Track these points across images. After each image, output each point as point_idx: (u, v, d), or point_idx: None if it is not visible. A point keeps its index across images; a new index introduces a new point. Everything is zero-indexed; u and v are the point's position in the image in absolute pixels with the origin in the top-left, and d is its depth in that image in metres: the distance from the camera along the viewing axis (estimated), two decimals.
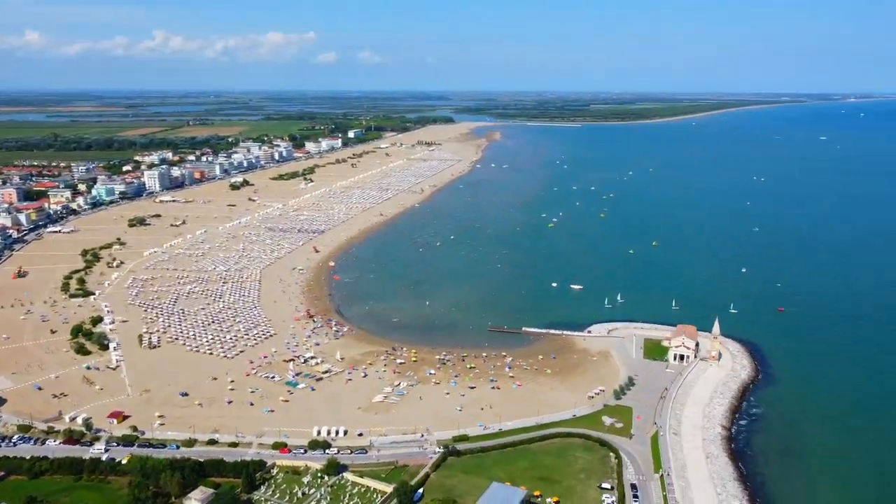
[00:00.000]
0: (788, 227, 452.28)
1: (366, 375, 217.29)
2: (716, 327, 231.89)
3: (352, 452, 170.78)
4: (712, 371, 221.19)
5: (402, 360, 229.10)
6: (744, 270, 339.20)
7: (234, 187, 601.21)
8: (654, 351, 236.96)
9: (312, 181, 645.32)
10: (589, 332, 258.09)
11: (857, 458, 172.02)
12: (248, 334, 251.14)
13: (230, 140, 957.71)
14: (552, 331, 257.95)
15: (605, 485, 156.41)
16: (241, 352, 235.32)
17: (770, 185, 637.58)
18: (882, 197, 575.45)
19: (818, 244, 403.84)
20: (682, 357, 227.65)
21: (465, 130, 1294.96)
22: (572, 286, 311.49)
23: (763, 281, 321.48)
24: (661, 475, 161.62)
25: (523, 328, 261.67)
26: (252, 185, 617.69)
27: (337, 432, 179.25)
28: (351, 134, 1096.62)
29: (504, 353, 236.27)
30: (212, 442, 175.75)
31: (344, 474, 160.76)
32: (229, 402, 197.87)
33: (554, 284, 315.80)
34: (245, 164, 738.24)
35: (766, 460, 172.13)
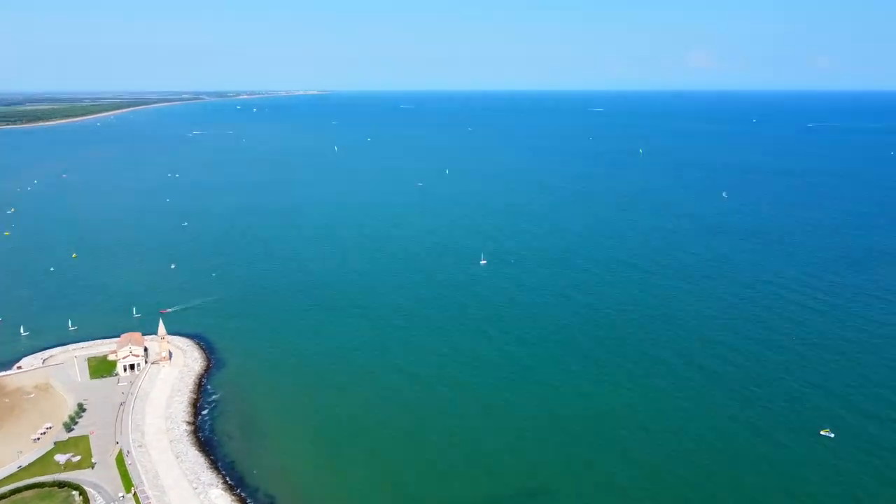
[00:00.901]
0: (215, 218, 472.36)
1: None
2: (161, 328, 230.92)
3: None
4: (165, 372, 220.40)
5: None
6: (173, 266, 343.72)
7: None
8: (102, 368, 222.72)
9: None
10: (19, 367, 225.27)
11: (331, 413, 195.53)
12: None
13: None
14: None
15: None
16: None
17: (188, 180, 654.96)
18: (294, 181, 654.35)
19: (248, 230, 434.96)
20: (132, 367, 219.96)
21: None
22: None
23: (196, 273, 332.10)
24: (134, 492, 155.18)
25: None
26: None
27: None
28: None
29: None
30: None
31: None
32: None
33: None
34: None
35: (232, 440, 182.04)
